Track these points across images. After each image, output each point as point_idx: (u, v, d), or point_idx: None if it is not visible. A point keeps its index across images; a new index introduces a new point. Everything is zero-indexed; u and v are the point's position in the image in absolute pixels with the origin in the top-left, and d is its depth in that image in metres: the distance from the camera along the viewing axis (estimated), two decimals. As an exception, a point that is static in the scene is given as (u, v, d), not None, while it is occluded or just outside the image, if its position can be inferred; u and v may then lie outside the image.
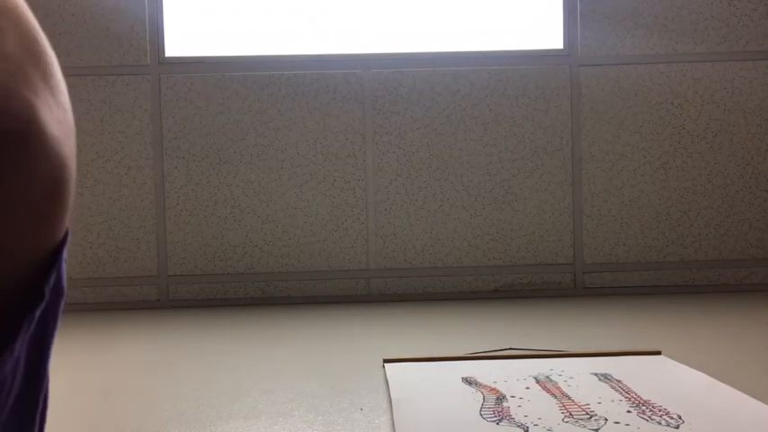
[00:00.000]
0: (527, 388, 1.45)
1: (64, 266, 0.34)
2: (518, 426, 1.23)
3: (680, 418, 1.24)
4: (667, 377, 1.52)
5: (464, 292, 2.76)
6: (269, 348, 1.97)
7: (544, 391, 1.43)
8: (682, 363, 1.62)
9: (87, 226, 2.71)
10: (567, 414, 1.28)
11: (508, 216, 2.77)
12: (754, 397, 1.35)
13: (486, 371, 1.59)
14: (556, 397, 1.39)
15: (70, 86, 0.48)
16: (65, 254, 0.34)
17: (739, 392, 1.38)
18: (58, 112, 0.33)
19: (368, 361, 1.75)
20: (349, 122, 2.75)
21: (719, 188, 2.78)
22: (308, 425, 1.31)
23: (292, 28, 2.78)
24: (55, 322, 0.33)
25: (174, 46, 2.75)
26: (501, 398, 1.39)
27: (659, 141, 2.78)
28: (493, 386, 1.47)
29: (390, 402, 1.39)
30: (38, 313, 0.31)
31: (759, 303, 2.50)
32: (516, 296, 2.75)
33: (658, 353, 1.72)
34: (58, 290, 0.33)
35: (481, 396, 1.41)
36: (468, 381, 1.52)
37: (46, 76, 0.33)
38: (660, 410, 1.29)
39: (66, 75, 0.38)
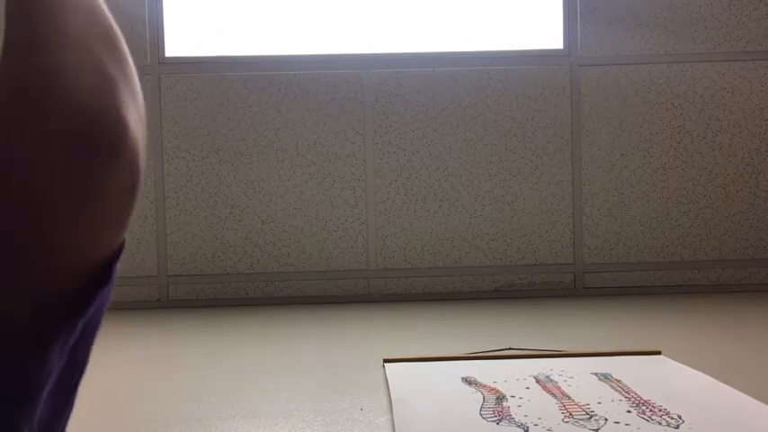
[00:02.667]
0: (527, 388, 1.45)
1: (118, 267, 0.38)
2: (518, 426, 1.23)
3: (680, 417, 1.24)
4: (667, 377, 1.52)
5: (464, 292, 2.76)
6: (269, 348, 1.97)
7: (544, 391, 1.43)
8: (682, 363, 1.62)
9: (87, 226, 2.71)
10: (567, 414, 1.28)
11: (508, 216, 2.77)
12: (755, 397, 1.34)
13: (486, 371, 1.59)
14: (556, 397, 1.39)
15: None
16: (121, 256, 0.38)
17: (739, 393, 1.38)
18: (137, 120, 0.36)
19: (368, 361, 1.75)
20: (349, 122, 2.75)
21: (719, 188, 2.78)
22: (307, 425, 1.31)
23: (292, 28, 2.78)
24: (103, 310, 0.37)
25: (175, 46, 2.75)
26: (501, 398, 1.39)
27: (659, 141, 2.78)
28: (493, 386, 1.47)
29: (390, 402, 1.39)
30: (105, 297, 0.35)
31: (759, 303, 2.50)
32: (516, 296, 2.74)
33: (658, 353, 1.72)
34: (112, 283, 0.37)
35: (481, 396, 1.41)
36: (468, 381, 1.52)
37: (131, 86, 0.36)
38: (660, 410, 1.29)
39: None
